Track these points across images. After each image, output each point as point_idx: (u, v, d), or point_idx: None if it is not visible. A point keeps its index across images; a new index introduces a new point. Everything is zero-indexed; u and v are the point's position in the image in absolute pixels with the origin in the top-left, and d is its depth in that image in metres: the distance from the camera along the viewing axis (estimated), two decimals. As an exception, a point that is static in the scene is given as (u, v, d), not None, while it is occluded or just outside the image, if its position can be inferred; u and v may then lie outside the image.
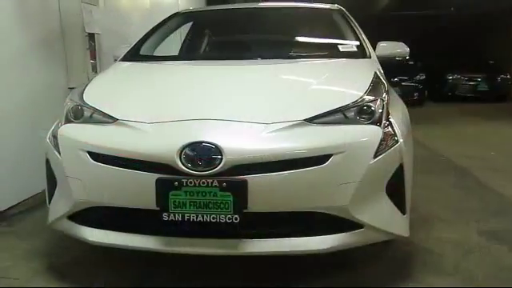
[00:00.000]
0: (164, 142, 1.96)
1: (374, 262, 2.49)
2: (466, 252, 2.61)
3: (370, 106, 2.16)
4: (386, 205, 2.12)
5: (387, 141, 2.10)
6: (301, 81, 2.50)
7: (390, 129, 2.15)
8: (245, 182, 1.90)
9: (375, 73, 2.53)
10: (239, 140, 1.95)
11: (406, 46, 3.53)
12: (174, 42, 4.07)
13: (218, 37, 3.78)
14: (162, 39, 3.51)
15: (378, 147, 2.06)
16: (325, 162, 1.95)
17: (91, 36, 4.13)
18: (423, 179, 3.71)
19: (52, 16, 3.88)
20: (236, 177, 1.90)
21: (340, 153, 1.96)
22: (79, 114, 2.25)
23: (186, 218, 1.93)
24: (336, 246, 2.01)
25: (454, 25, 13.59)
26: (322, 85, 2.40)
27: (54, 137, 2.22)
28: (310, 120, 2.05)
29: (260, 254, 1.98)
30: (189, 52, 3.68)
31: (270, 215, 1.97)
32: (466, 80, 11.38)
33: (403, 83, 10.47)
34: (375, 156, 2.04)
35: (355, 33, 3.23)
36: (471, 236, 2.84)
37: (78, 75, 3.94)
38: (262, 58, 2.92)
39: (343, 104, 2.14)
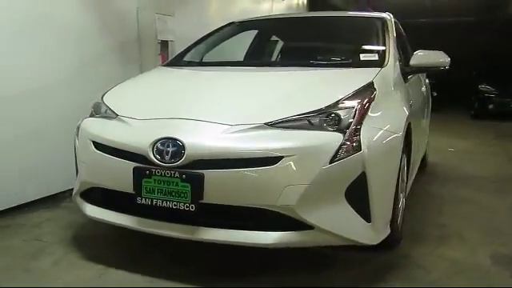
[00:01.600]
0: (142, 136, 2.29)
1: (355, 267, 2.52)
2: (457, 271, 2.50)
3: (338, 114, 2.24)
4: (345, 211, 2.18)
5: (348, 148, 2.16)
6: (285, 88, 2.62)
7: (356, 137, 2.20)
8: (202, 176, 2.14)
9: (370, 82, 2.55)
10: (200, 138, 2.19)
11: (446, 55, 3.41)
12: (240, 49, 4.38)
13: (255, 44, 4.00)
14: (214, 46, 3.83)
15: (336, 153, 2.13)
16: (276, 164, 2.09)
17: (164, 42, 4.65)
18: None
19: (131, 25, 4.48)
20: (195, 170, 2.15)
21: (291, 156, 2.09)
22: (99, 110, 2.68)
23: (154, 202, 2.23)
24: (283, 242, 2.14)
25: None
26: (302, 92, 2.51)
27: (78, 128, 2.68)
28: (272, 124, 2.21)
29: (212, 241, 2.20)
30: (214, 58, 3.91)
31: (226, 208, 2.17)
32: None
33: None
34: (331, 161, 2.12)
35: (384, 42, 3.21)
36: (478, 257, 2.69)
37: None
38: (281, 66, 3.09)
39: (308, 111, 2.25)
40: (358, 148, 2.17)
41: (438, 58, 3.41)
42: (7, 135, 3.26)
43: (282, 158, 2.09)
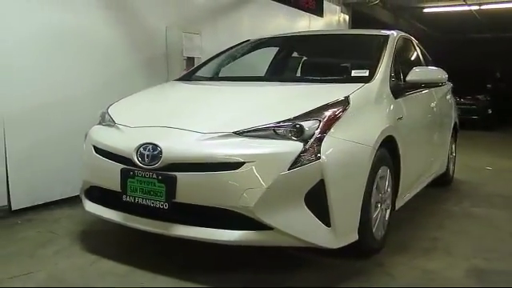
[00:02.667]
0: (129, 141, 2.58)
1: (323, 270, 2.65)
2: (424, 280, 2.57)
3: (301, 125, 2.42)
4: (304, 214, 2.35)
5: (308, 157, 2.33)
6: (263, 101, 2.84)
7: (317, 147, 2.37)
8: (175, 177, 2.39)
9: (345, 97, 2.70)
10: (175, 144, 2.46)
11: (444, 72, 3.49)
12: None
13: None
14: (228, 63, 4.10)
15: (295, 161, 2.32)
16: (238, 168, 2.31)
17: (190, 59, 5.00)
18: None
19: (160, 43, 4.89)
20: (169, 172, 2.41)
21: (251, 161, 2.30)
22: (103, 119, 3.02)
23: (137, 200, 2.51)
24: (243, 240, 2.34)
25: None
26: (276, 105, 2.71)
27: (86, 134, 3.04)
28: (240, 133, 2.43)
29: (182, 237, 2.44)
30: (221, 73, 4.13)
31: (196, 207, 2.41)
32: None
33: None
34: (290, 168, 2.31)
35: (378, 59, 3.32)
36: (453, 269, 2.72)
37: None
38: (273, 81, 3.31)
39: (274, 121, 2.45)
40: (318, 157, 2.34)
41: (436, 74, 3.50)
42: (37, 139, 3.70)
43: (243, 163, 2.31)
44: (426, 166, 3.99)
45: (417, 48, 4.44)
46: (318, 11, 8.08)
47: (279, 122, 2.45)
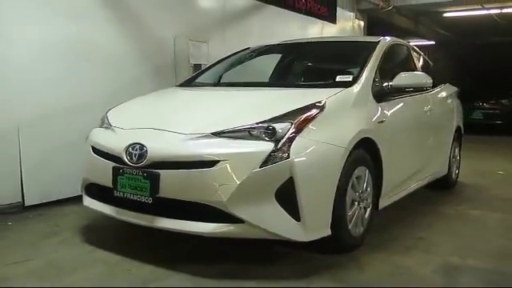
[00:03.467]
0: (120, 141, 2.83)
1: (297, 264, 2.81)
2: (391, 274, 2.70)
3: (274, 127, 2.61)
4: (275, 209, 2.54)
5: (278, 156, 2.53)
6: (243, 104, 3.05)
7: (287, 147, 2.55)
8: (158, 174, 2.63)
9: (321, 101, 2.88)
10: (159, 144, 2.69)
11: (428, 77, 3.62)
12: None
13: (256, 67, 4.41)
14: (227, 69, 4.32)
15: (266, 160, 2.51)
16: (213, 166, 2.52)
17: (197, 66, 5.26)
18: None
19: (169, 51, 5.17)
20: (153, 170, 2.65)
21: (225, 160, 2.51)
22: (103, 122, 3.28)
23: (126, 195, 2.75)
24: (217, 232, 2.55)
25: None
26: (254, 108, 2.91)
27: (87, 136, 3.31)
28: (217, 134, 2.64)
29: (164, 228, 2.67)
30: (221, 79, 4.27)
31: (177, 201, 2.63)
32: None
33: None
34: (261, 166, 2.50)
35: (364, 65, 3.48)
36: (426, 266, 2.84)
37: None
38: (259, 86, 3.53)
39: (250, 123, 2.65)
40: (287, 156, 2.53)
41: (420, 79, 3.64)
42: (50, 143, 4.01)
43: (218, 161, 2.52)
44: (417, 167, 4.09)
45: (412, 54, 4.55)
46: (331, 18, 8.24)
47: (254, 124, 2.65)
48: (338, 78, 3.41)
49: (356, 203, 3.01)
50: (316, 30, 7.77)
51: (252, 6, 6.45)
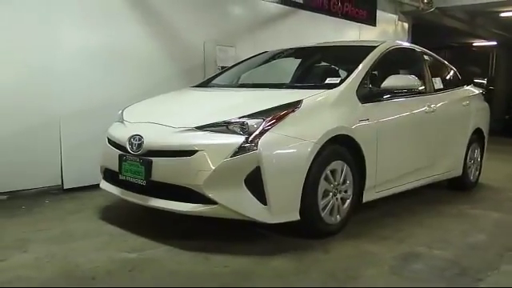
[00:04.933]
0: (125, 133, 3.36)
1: (269, 244, 3.17)
2: (351, 257, 3.00)
3: (246, 123, 3.01)
4: (244, 194, 2.93)
5: (248, 147, 2.92)
6: (230, 102, 3.48)
7: (257, 140, 2.94)
8: (151, 161, 3.11)
9: (298, 101, 3.23)
10: (153, 136, 3.18)
11: (417, 80, 3.85)
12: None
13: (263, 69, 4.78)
14: (243, 72, 4.75)
15: (237, 150, 2.92)
16: (193, 155, 2.97)
17: (225, 67, 5.72)
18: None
19: (199, 55, 5.70)
20: (148, 157, 3.14)
21: (203, 150, 2.95)
22: (119, 117, 3.82)
23: (128, 178, 3.27)
24: (194, 211, 2.98)
25: None
26: (237, 106, 3.31)
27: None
28: (200, 127, 3.09)
29: (155, 207, 3.14)
30: (235, 80, 4.66)
31: (166, 184, 3.10)
32: None
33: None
34: (233, 156, 2.91)
35: (355, 68, 3.77)
36: (389, 253, 3.09)
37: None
38: (256, 87, 3.95)
39: (228, 119, 3.07)
40: (256, 148, 2.91)
41: (408, 81, 3.87)
42: (87, 135, 4.63)
43: (197, 151, 2.96)
44: (417, 166, 4.27)
45: (422, 57, 4.73)
46: (370, 21, 8.39)
47: (231, 119, 3.07)
48: (328, 80, 3.73)
49: (331, 194, 3.31)
50: (352, 33, 7.97)
51: (284, 11, 6.82)
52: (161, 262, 2.81)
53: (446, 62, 5.35)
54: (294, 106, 3.20)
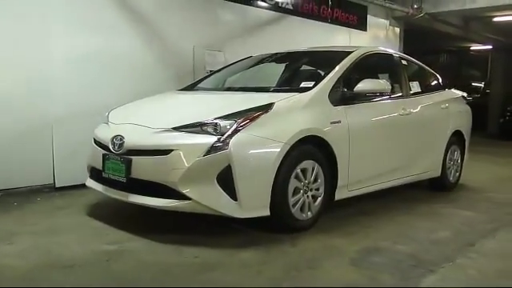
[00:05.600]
0: (109, 133, 3.58)
1: (239, 237, 3.36)
2: (311, 250, 3.20)
3: (218, 124, 3.22)
4: (216, 190, 3.15)
5: (220, 147, 3.13)
6: (210, 105, 3.73)
7: (228, 140, 3.15)
8: (130, 160, 3.33)
9: (269, 103, 3.44)
10: (133, 136, 3.40)
11: (387, 84, 4.06)
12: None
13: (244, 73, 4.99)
14: (230, 75, 4.96)
15: (209, 150, 3.13)
16: (168, 154, 3.19)
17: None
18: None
19: (188, 60, 5.93)
20: (127, 156, 3.36)
21: (177, 149, 3.17)
22: (105, 119, 4.05)
23: (110, 176, 3.49)
24: (169, 206, 3.21)
25: None
26: (214, 108, 3.53)
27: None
28: (176, 128, 3.30)
29: (134, 203, 3.37)
30: (220, 84, 4.83)
31: (144, 181, 3.31)
32: None
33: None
34: (205, 155, 3.13)
35: (329, 72, 3.98)
36: (352, 247, 3.27)
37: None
38: (234, 90, 4.20)
39: (202, 120, 3.28)
40: (226, 148, 3.12)
41: (379, 85, 4.06)
42: (78, 137, 4.81)
43: (172, 150, 3.18)
44: (392, 166, 4.46)
45: (400, 62, 4.93)
46: (361, 26, 8.59)
47: (206, 121, 3.28)
48: (302, 84, 3.94)
49: (301, 191, 3.52)
50: (342, 37, 8.17)
51: (274, 17, 7.05)
52: (137, 254, 3.02)
53: (425, 67, 5.54)
54: (265, 108, 3.41)
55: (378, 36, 9.04)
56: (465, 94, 5.94)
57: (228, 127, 3.22)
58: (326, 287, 2.66)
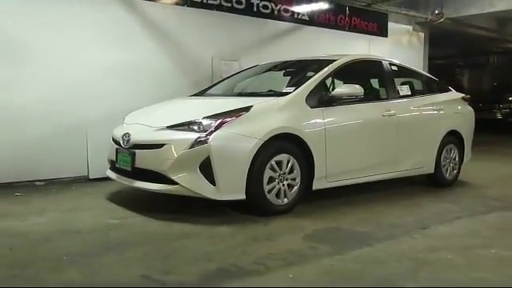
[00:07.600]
0: (121, 132, 4.40)
1: (221, 217, 4.04)
2: (279, 228, 3.80)
3: (201, 123, 3.93)
4: (198, 177, 3.85)
5: (201, 142, 3.84)
6: (202, 107, 4.42)
7: (209, 136, 3.85)
8: (134, 153, 4.12)
9: (248, 106, 4.11)
10: (138, 134, 4.19)
11: (361, 88, 4.59)
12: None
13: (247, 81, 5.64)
14: (237, 82, 5.67)
15: (193, 144, 3.84)
16: (162, 147, 3.93)
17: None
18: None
19: (207, 68, 6.70)
20: (133, 150, 4.15)
21: (168, 144, 3.91)
22: (122, 120, 4.87)
23: (121, 166, 4.30)
24: (161, 190, 3.94)
25: None
26: (205, 110, 4.19)
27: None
28: (169, 127, 4.05)
29: (137, 187, 4.14)
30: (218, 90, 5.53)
31: (145, 169, 4.08)
32: None
33: None
34: (190, 148, 3.85)
35: (308, 79, 4.59)
36: (314, 227, 3.84)
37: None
38: (229, 95, 4.88)
39: (190, 119, 4.01)
40: (206, 142, 3.82)
41: (353, 89, 4.59)
42: (108, 136, 5.75)
43: (164, 144, 3.92)
44: (376, 161, 4.95)
45: (386, 68, 5.40)
46: (381, 33, 8.98)
47: (193, 120, 4.00)
48: (284, 89, 4.57)
49: (276, 180, 4.13)
50: (361, 45, 8.60)
51: (289, 28, 7.67)
52: (133, 226, 3.78)
53: (420, 72, 5.99)
54: (244, 109, 4.08)
55: (400, 41, 9.37)
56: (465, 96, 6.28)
57: (212, 125, 3.91)
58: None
